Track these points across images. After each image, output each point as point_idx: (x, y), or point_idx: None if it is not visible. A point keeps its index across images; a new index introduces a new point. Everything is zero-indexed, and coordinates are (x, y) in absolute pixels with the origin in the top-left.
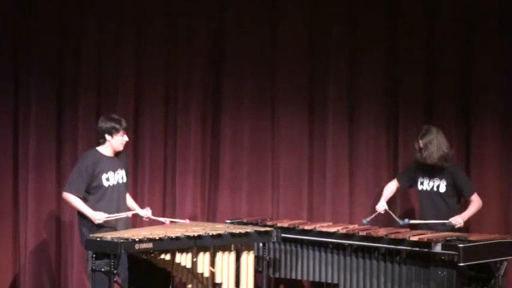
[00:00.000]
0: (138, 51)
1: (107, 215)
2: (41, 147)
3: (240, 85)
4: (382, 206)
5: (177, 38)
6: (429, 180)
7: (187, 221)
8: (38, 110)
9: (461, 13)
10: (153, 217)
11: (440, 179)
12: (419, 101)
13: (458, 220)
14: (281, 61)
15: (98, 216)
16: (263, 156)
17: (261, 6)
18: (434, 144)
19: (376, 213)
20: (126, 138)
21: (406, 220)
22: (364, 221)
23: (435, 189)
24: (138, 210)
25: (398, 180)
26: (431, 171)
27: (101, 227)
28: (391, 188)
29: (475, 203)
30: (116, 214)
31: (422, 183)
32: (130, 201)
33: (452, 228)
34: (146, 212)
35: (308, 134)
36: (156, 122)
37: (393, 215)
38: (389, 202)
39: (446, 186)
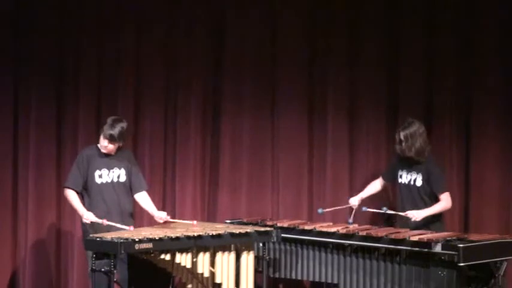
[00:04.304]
0: (138, 52)
1: (95, 218)
2: (41, 147)
3: (240, 85)
4: (353, 201)
5: (177, 38)
6: (407, 174)
7: (195, 222)
8: (38, 110)
9: (461, 14)
10: (170, 219)
11: (417, 173)
12: (419, 101)
13: (413, 214)
14: (281, 61)
15: (86, 216)
16: (263, 156)
17: (260, 6)
18: (415, 137)
19: (341, 207)
20: (106, 144)
21: (364, 208)
22: (320, 210)
23: (412, 183)
24: (154, 212)
25: (383, 176)
26: (409, 165)
27: (94, 229)
28: (374, 185)
29: (442, 202)
30: (102, 220)
31: (401, 176)
32: (146, 204)
33: (423, 224)
34: (161, 214)
35: (308, 134)
36: (156, 122)
37: (352, 214)
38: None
39: (422, 180)
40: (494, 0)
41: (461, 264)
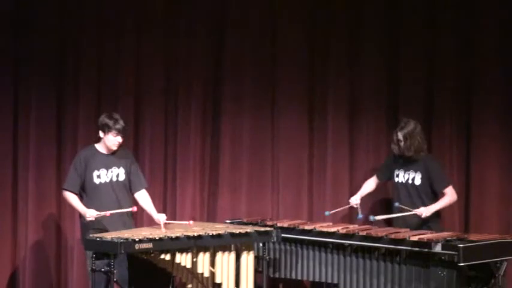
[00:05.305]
0: (138, 52)
1: (98, 212)
2: (41, 147)
3: (240, 85)
4: (355, 200)
5: (177, 38)
6: (404, 173)
7: (191, 222)
8: (38, 110)
9: (461, 14)
10: (166, 221)
11: (415, 171)
12: (419, 101)
13: (421, 211)
14: (281, 61)
15: (89, 214)
16: (263, 156)
17: (260, 6)
18: (413, 136)
19: (344, 207)
20: (119, 139)
21: (371, 217)
22: (326, 213)
23: (410, 181)
24: (153, 213)
25: (377, 175)
26: (407, 163)
27: (91, 227)
28: (370, 184)
29: (447, 196)
30: (105, 212)
31: (398, 176)
32: (146, 203)
33: (422, 219)
34: (160, 217)
35: (308, 134)
36: (156, 122)
37: (359, 210)
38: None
39: (421, 178)
40: (494, 0)
41: (461, 264)
